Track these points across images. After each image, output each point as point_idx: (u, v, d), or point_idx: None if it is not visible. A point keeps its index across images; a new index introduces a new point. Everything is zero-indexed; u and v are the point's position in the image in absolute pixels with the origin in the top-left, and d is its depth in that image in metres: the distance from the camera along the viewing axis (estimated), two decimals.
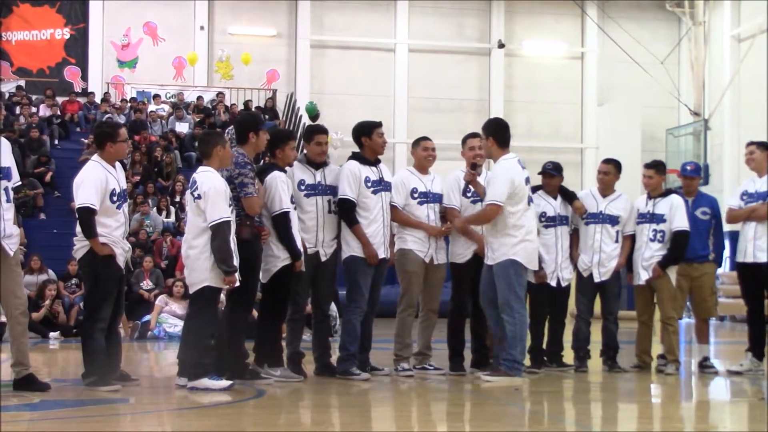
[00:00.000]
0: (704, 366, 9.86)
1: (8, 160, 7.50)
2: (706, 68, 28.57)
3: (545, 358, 9.76)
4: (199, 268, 7.75)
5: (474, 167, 8.94)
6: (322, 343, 8.88)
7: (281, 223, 8.30)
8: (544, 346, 9.79)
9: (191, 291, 7.91)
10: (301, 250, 8.41)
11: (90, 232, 7.67)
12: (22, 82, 27.29)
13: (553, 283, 9.60)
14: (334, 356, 8.96)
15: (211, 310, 7.88)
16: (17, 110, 25.13)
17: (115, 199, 7.79)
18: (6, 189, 7.38)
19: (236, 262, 7.75)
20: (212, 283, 7.74)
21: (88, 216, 7.64)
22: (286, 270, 8.36)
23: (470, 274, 9.11)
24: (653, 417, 7.43)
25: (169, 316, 15.28)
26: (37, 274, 16.66)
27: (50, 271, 16.97)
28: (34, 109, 25.51)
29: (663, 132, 29.70)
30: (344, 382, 8.41)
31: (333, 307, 13.40)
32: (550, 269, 9.57)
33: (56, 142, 24.65)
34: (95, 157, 7.97)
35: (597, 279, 9.68)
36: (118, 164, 8.07)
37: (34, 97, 26.52)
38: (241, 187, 7.99)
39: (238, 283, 7.80)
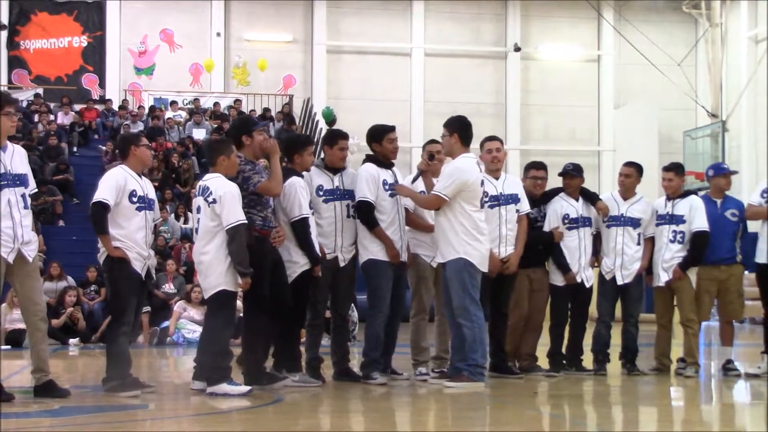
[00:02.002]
0: (728, 368, 9.80)
1: (25, 168, 7.56)
2: (723, 70, 28.47)
3: (564, 362, 9.74)
4: (213, 272, 7.77)
5: (432, 158, 8.83)
6: (341, 348, 8.87)
7: (301, 228, 8.30)
8: (564, 349, 9.77)
9: (206, 296, 7.93)
10: (319, 255, 8.42)
11: (99, 228, 7.72)
12: (40, 90, 27.45)
13: (578, 281, 9.59)
14: (353, 361, 8.96)
15: (227, 313, 7.89)
16: (36, 118, 25.27)
17: (135, 200, 7.83)
18: (23, 196, 7.43)
19: None
20: (227, 287, 7.77)
21: (98, 211, 7.70)
22: (305, 276, 8.37)
23: (489, 278, 9.08)
24: (673, 420, 7.40)
25: (188, 321, 15.33)
26: (57, 281, 16.72)
27: (69, 278, 17.04)
28: (52, 117, 25.66)
29: (680, 134, 29.62)
30: (363, 387, 8.41)
31: (354, 313, 13.40)
32: (573, 271, 9.56)
33: (75, 149, 24.77)
34: (121, 164, 8.09)
35: (620, 282, 9.65)
36: (146, 179, 8.17)
37: (52, 105, 26.68)
38: (246, 183, 8.02)
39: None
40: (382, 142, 8.81)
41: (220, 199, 7.72)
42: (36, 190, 7.81)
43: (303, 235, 8.31)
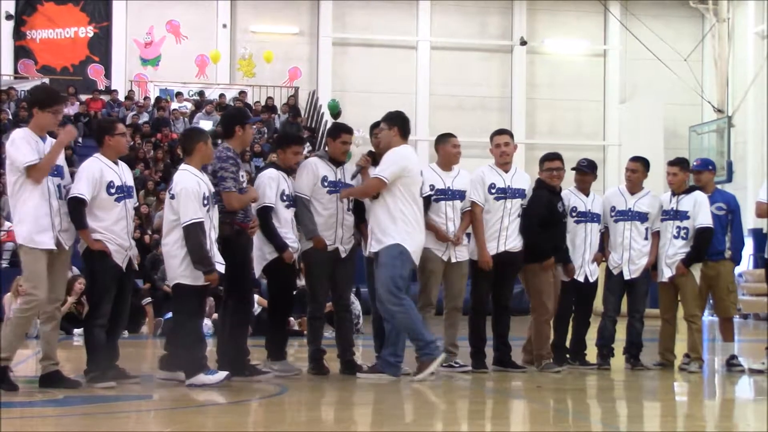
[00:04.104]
0: (732, 364, 9.81)
1: (61, 160, 7.63)
2: (729, 65, 28.41)
3: (568, 356, 9.74)
4: (171, 266, 7.82)
5: (370, 154, 8.83)
6: (345, 340, 8.87)
7: (261, 217, 8.39)
8: (568, 344, 9.77)
9: (170, 289, 7.97)
10: (285, 242, 8.42)
11: (78, 223, 7.69)
12: (46, 80, 27.44)
13: (581, 279, 9.58)
14: (358, 353, 8.98)
15: (189, 306, 7.84)
16: None
17: (113, 191, 7.78)
18: (59, 186, 7.50)
19: (217, 259, 7.79)
20: (183, 281, 7.74)
21: (75, 206, 7.65)
22: (276, 263, 8.42)
23: (489, 272, 9.10)
24: (676, 415, 7.40)
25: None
26: None
27: (74, 268, 17.04)
28: None
29: (686, 129, 29.57)
30: (369, 379, 8.41)
31: (357, 305, 13.45)
32: (577, 265, 9.56)
33: (79, 140, 24.76)
34: (96, 153, 8.04)
35: (627, 276, 9.64)
36: (123, 163, 8.13)
37: None
38: (220, 181, 8.09)
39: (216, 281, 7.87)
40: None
41: (177, 195, 7.74)
42: (71, 183, 7.78)
43: (264, 223, 8.40)
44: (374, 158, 8.73)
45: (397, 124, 8.58)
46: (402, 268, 8.25)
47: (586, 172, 9.73)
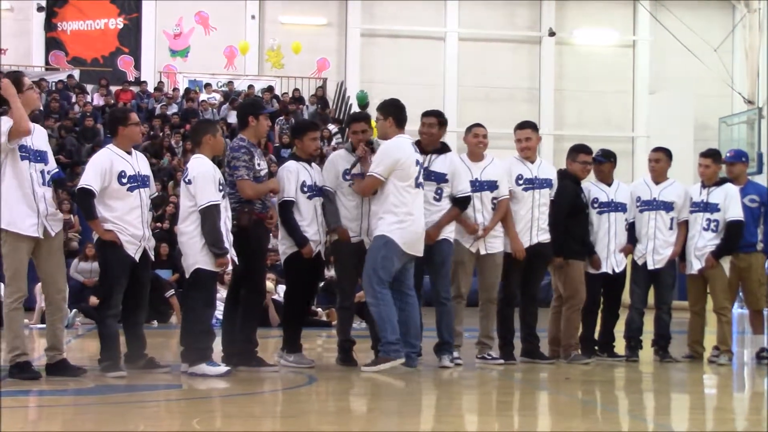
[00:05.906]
0: (762, 357, 9.76)
1: (46, 146, 7.60)
2: (760, 56, 28.18)
3: (596, 348, 9.71)
4: (190, 252, 7.85)
5: (368, 143, 8.67)
6: (375, 331, 8.85)
7: (281, 212, 8.45)
8: (596, 336, 9.75)
9: (186, 276, 7.99)
10: (305, 237, 8.42)
11: (87, 214, 7.76)
12: (75, 72, 27.64)
13: (609, 271, 9.54)
14: None
15: (205, 293, 7.94)
16: (73, 99, 25.46)
17: (125, 180, 7.77)
18: (42, 172, 7.41)
19: (228, 244, 7.84)
20: (203, 266, 7.81)
21: (84, 197, 7.71)
22: (295, 258, 8.46)
23: (520, 264, 9.08)
24: (705, 408, 7.38)
25: (220, 302, 15.37)
26: (92, 261, 16.86)
27: None
28: (88, 99, 25.85)
29: (716, 120, 29.37)
30: (394, 371, 8.43)
31: None
32: (602, 256, 9.51)
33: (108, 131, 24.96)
34: (109, 144, 8.07)
35: (651, 266, 9.59)
36: (138, 153, 8.17)
37: (89, 87, 26.87)
38: (233, 171, 8.19)
39: (230, 267, 7.96)
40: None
41: (194, 179, 7.85)
42: (57, 169, 7.78)
43: (284, 218, 8.45)
44: (372, 147, 8.64)
45: (392, 113, 8.50)
46: (385, 259, 8.17)
47: (602, 161, 9.69)
